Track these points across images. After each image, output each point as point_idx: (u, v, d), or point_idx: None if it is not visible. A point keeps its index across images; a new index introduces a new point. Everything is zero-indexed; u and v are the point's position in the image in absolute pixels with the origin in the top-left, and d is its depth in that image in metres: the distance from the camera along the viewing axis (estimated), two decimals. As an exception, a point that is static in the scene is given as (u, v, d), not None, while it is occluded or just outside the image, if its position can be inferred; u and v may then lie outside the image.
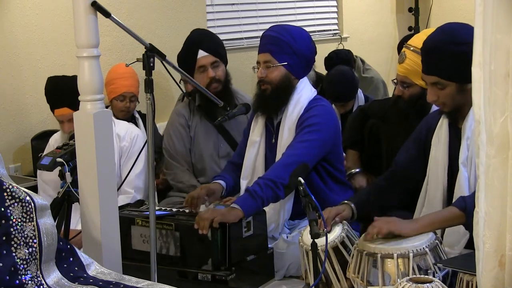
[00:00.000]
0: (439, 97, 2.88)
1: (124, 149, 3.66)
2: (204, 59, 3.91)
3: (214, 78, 3.89)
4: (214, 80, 3.90)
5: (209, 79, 3.88)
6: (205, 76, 3.89)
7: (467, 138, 2.84)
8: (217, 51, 3.97)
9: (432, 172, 2.96)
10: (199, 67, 3.91)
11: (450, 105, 2.88)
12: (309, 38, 3.44)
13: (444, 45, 2.82)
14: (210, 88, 3.84)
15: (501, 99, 1.89)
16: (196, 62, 3.91)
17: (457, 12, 6.75)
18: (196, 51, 3.92)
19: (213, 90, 3.83)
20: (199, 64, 3.91)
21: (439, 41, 2.86)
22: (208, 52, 3.92)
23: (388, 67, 6.89)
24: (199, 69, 3.91)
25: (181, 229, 3.00)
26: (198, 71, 3.91)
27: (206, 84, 3.86)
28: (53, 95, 3.69)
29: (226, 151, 3.94)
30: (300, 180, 2.50)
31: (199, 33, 4.17)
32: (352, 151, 3.81)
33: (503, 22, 1.87)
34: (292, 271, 3.17)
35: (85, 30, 2.52)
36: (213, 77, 3.89)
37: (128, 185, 3.57)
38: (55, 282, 2.21)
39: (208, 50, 3.93)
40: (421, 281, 2.21)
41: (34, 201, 2.21)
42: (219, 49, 4.00)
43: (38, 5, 4.32)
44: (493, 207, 1.93)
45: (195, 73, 3.90)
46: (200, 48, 3.92)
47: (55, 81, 3.75)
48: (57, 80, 3.75)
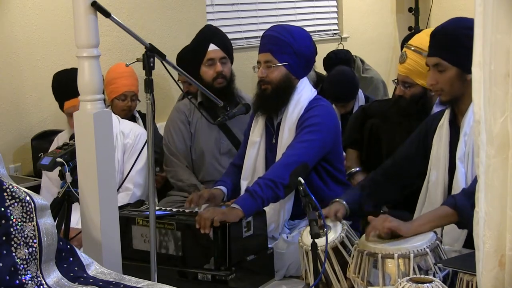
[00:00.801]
0: (438, 82, 2.88)
1: (128, 146, 3.69)
2: (214, 53, 3.91)
3: (221, 73, 3.89)
4: (221, 75, 3.89)
5: (216, 73, 3.88)
6: (213, 69, 3.88)
7: (464, 134, 2.85)
8: (227, 48, 3.98)
9: (433, 171, 2.96)
10: (208, 59, 3.90)
11: (448, 92, 2.88)
12: (310, 38, 3.44)
13: (452, 28, 2.84)
14: (215, 83, 3.86)
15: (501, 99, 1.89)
16: (206, 54, 3.90)
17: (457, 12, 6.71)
18: (207, 44, 3.92)
19: (218, 86, 3.86)
20: (208, 57, 3.90)
21: (448, 24, 2.90)
22: (219, 47, 3.93)
23: (388, 67, 6.90)
24: (207, 62, 3.90)
25: (182, 228, 3.00)
26: (206, 64, 3.90)
27: (212, 78, 3.87)
28: (62, 87, 3.69)
29: (227, 148, 3.95)
30: (300, 180, 2.50)
31: (211, 28, 4.17)
32: (352, 150, 3.82)
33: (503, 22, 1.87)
34: (292, 271, 3.17)
35: (85, 30, 2.52)
36: (220, 71, 3.89)
37: (129, 181, 3.57)
38: (55, 282, 2.21)
39: (219, 45, 3.94)
40: (421, 281, 2.21)
41: (34, 201, 2.21)
42: (229, 47, 4.02)
43: (38, 5, 4.32)
44: (493, 207, 1.92)
45: (203, 66, 3.89)
46: (212, 42, 3.93)
47: (62, 75, 3.78)
48: (63, 73, 3.79)
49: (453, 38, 2.80)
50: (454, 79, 2.84)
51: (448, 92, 2.88)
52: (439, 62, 2.86)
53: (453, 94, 2.87)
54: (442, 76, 2.86)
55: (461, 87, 2.82)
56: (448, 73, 2.85)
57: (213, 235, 2.92)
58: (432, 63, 2.89)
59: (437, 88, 2.91)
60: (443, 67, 2.85)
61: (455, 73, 2.83)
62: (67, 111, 3.71)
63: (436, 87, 2.91)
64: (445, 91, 2.89)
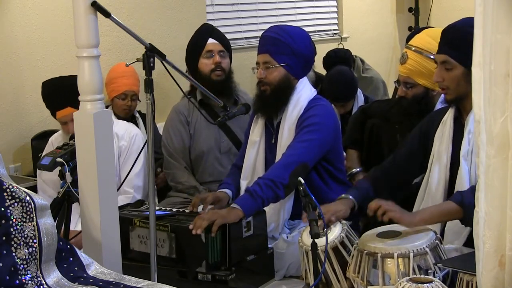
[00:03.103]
0: (445, 79, 2.88)
1: (123, 148, 3.66)
2: (212, 45, 3.93)
3: (220, 64, 3.90)
4: (219, 67, 3.90)
5: (215, 65, 3.89)
6: (211, 61, 3.90)
7: (468, 132, 2.85)
8: (225, 43, 4.01)
9: (434, 166, 2.96)
10: (207, 51, 3.91)
11: (454, 91, 2.88)
12: (308, 38, 3.44)
13: (463, 27, 2.84)
14: (213, 75, 3.87)
15: (501, 99, 1.89)
16: (205, 47, 3.92)
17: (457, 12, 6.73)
18: (206, 38, 3.95)
19: (216, 78, 3.87)
20: (207, 49, 3.92)
21: (460, 23, 2.90)
22: (218, 41, 3.96)
23: (388, 67, 6.90)
24: (206, 54, 3.91)
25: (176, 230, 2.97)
26: (204, 56, 3.91)
27: (210, 69, 3.88)
28: (54, 97, 3.65)
29: (227, 147, 3.94)
30: (300, 180, 2.50)
31: (210, 25, 4.21)
32: (352, 150, 3.82)
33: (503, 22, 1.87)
34: (292, 271, 3.16)
35: (85, 30, 2.52)
36: (219, 62, 3.89)
37: (128, 185, 3.56)
38: (55, 282, 2.21)
39: (217, 39, 3.97)
40: (421, 281, 2.21)
41: (34, 201, 2.21)
42: (227, 43, 4.04)
43: (38, 5, 4.32)
44: (493, 207, 1.93)
45: (201, 58, 3.90)
46: (211, 36, 3.96)
47: (53, 83, 3.71)
48: (54, 82, 3.72)
49: (463, 38, 2.79)
50: (460, 78, 2.84)
51: (454, 90, 2.88)
52: (447, 59, 2.86)
53: (458, 92, 2.87)
54: (449, 74, 2.86)
55: (467, 86, 2.82)
56: (455, 71, 2.85)
57: (205, 238, 2.90)
58: (440, 60, 2.90)
59: (443, 85, 2.91)
60: (450, 65, 2.86)
61: (462, 72, 2.83)
62: (60, 120, 3.68)
63: (442, 85, 2.91)
64: (450, 89, 2.89)
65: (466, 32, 2.79)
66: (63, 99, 3.56)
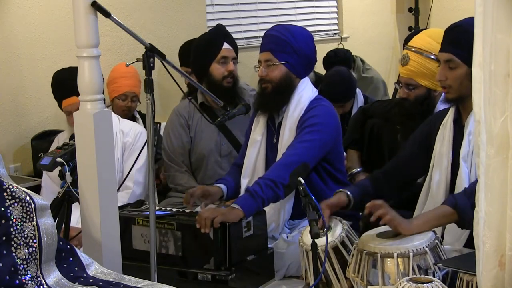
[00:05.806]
0: (448, 78, 2.87)
1: (127, 144, 3.69)
2: (228, 52, 3.90)
3: (232, 73, 3.89)
4: (231, 75, 3.89)
5: (228, 72, 3.87)
6: (226, 68, 3.87)
7: (468, 133, 2.84)
8: (236, 50, 4.00)
9: (436, 169, 2.96)
10: (222, 57, 3.88)
11: (456, 90, 2.87)
12: (310, 37, 3.45)
13: (467, 25, 2.81)
14: (224, 82, 3.85)
15: (501, 99, 1.89)
16: (220, 52, 3.89)
17: (457, 12, 6.74)
18: (222, 42, 3.91)
19: (227, 85, 3.85)
20: (222, 54, 3.88)
21: (465, 22, 2.88)
22: (232, 47, 3.94)
23: (388, 67, 6.90)
24: (220, 59, 3.87)
25: (182, 228, 3.00)
26: (218, 61, 3.87)
27: (222, 76, 3.85)
28: (61, 85, 3.70)
29: (228, 150, 3.94)
30: (300, 180, 2.50)
31: (224, 28, 4.13)
32: (352, 151, 3.82)
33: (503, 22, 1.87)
34: (292, 271, 3.17)
35: (85, 30, 2.52)
36: (232, 70, 3.88)
37: (129, 179, 3.57)
38: (55, 282, 2.21)
39: (231, 44, 3.95)
40: (421, 281, 2.21)
41: (34, 201, 2.21)
42: (237, 48, 4.03)
43: (38, 5, 4.32)
44: (493, 207, 1.93)
45: (215, 63, 3.87)
46: (226, 41, 3.92)
47: (62, 73, 3.78)
48: (63, 71, 3.79)
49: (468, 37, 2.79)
50: (463, 77, 2.82)
51: (456, 89, 2.87)
52: (451, 58, 2.85)
53: (460, 92, 2.86)
54: (452, 73, 2.85)
55: (470, 86, 2.81)
56: (458, 70, 2.84)
57: (213, 235, 2.92)
58: (444, 58, 2.88)
59: (445, 84, 2.89)
60: (454, 64, 2.84)
61: (465, 71, 2.81)
62: (66, 109, 3.72)
63: (444, 83, 2.90)
64: (453, 88, 2.88)
65: (470, 28, 2.78)
66: (69, 88, 3.56)
